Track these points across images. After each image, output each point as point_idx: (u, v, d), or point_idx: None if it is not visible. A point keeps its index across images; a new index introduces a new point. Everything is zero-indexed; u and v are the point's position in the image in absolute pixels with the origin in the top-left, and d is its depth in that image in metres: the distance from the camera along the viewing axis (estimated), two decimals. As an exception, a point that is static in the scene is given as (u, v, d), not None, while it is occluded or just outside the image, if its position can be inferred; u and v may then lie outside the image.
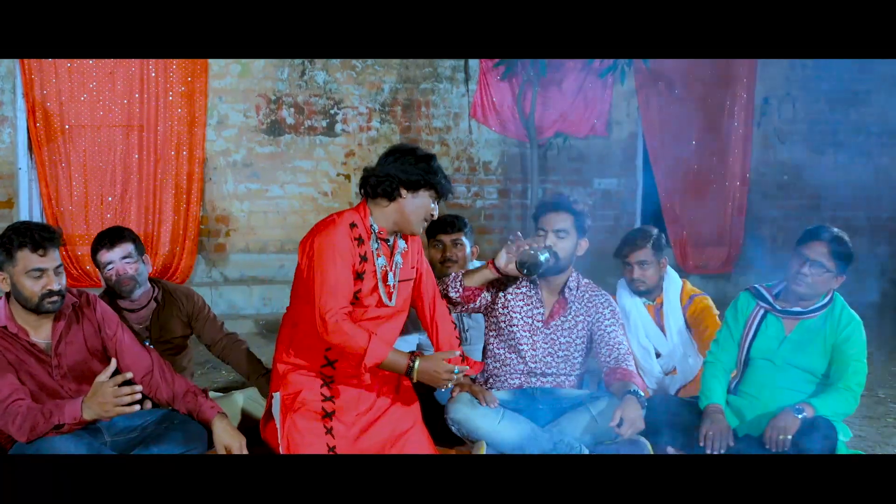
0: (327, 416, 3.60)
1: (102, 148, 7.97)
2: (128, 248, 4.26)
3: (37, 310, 3.51)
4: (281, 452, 3.60)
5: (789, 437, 3.57)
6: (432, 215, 3.62)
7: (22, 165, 8.00)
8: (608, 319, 4.04)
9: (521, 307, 4.06)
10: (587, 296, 4.09)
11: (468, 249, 4.72)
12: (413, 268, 3.81)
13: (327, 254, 3.49)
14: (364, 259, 3.58)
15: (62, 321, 3.63)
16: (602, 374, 4.01)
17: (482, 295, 4.04)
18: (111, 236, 4.27)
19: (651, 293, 4.59)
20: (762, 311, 4.02)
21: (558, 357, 4.03)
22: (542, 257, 3.81)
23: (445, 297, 3.99)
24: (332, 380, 3.66)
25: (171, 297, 4.47)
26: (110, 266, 4.24)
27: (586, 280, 4.16)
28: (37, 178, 7.89)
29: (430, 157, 3.60)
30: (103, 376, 3.28)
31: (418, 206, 3.58)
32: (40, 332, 3.59)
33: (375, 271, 3.60)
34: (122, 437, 3.61)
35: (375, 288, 3.63)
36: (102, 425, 3.60)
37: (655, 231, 4.56)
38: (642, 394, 3.74)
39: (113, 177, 8.00)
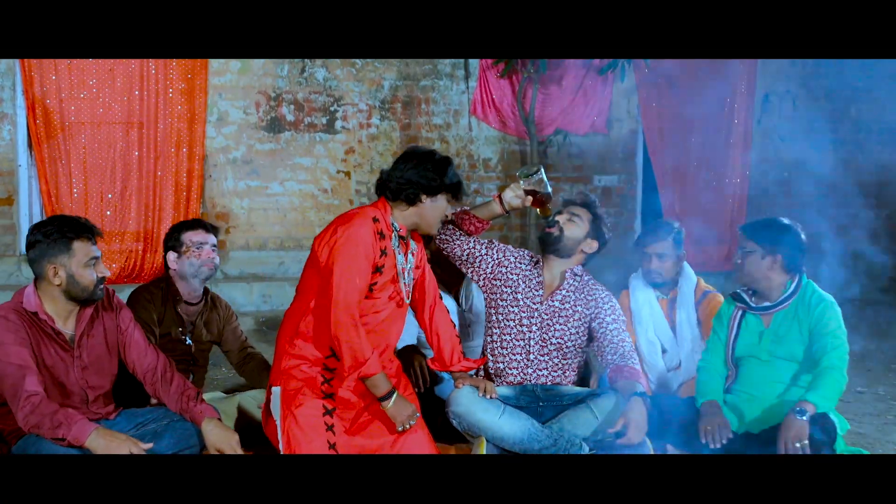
0: (328, 413, 3.60)
1: (102, 145, 7.96)
2: (215, 239, 4.44)
3: (91, 297, 3.59)
4: (281, 449, 3.60)
5: (805, 441, 3.57)
6: (447, 216, 3.76)
7: (22, 162, 7.99)
8: (609, 316, 4.05)
9: (522, 287, 4.09)
10: (587, 289, 4.12)
11: None
12: (418, 268, 3.85)
13: (351, 244, 3.54)
14: (384, 253, 3.63)
15: (88, 312, 3.68)
16: (606, 372, 4.02)
17: (478, 248, 4.08)
18: (205, 224, 4.45)
19: (666, 286, 4.64)
20: (740, 312, 4.11)
21: (551, 345, 4.03)
22: (541, 168, 3.96)
23: (444, 221, 4.03)
24: (333, 375, 3.67)
25: (216, 303, 4.61)
26: (202, 245, 4.36)
27: (590, 277, 4.17)
28: (37, 175, 7.88)
29: (448, 162, 3.69)
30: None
31: (437, 209, 3.70)
32: (67, 324, 3.64)
33: (395, 266, 3.68)
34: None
35: (391, 283, 3.69)
36: (103, 423, 3.60)
37: (678, 226, 4.66)
38: (647, 396, 3.76)
39: (113, 174, 7.99)
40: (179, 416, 3.73)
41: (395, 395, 3.60)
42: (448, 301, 4.67)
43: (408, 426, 3.63)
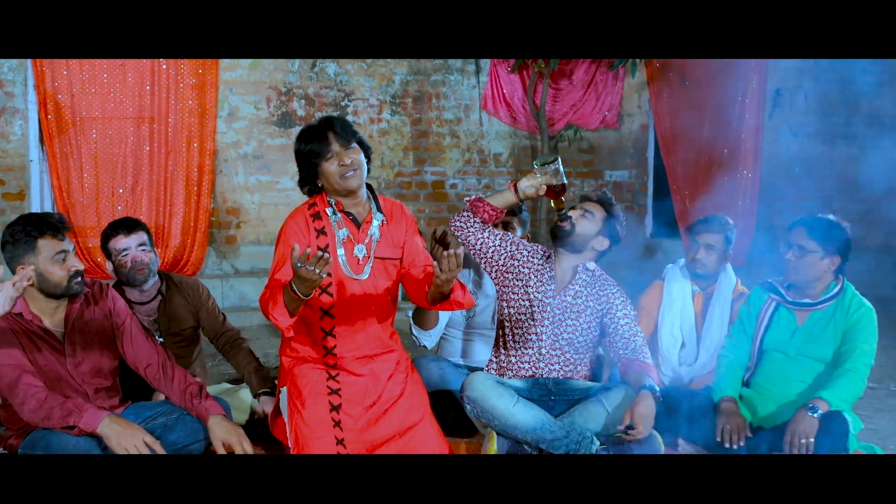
0: (334, 409, 3.60)
1: (113, 140, 8.00)
2: (143, 236, 4.31)
3: (66, 293, 3.56)
4: (289, 447, 3.61)
5: (812, 439, 3.55)
6: (343, 164, 3.59)
7: (33, 157, 8.03)
8: (620, 311, 4.02)
9: (534, 282, 4.06)
10: (599, 284, 4.08)
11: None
12: (398, 248, 3.76)
13: (279, 234, 3.66)
14: (322, 232, 3.62)
15: (75, 308, 3.66)
16: (617, 366, 4.00)
17: (492, 238, 4.05)
18: (127, 225, 4.32)
19: (706, 280, 4.60)
20: (774, 304, 4.04)
21: (563, 340, 4.02)
22: (559, 158, 3.87)
23: (459, 212, 4.04)
24: (336, 370, 3.68)
25: (178, 288, 4.49)
26: (126, 252, 4.26)
27: (602, 272, 4.16)
28: (48, 170, 7.93)
29: (300, 135, 3.67)
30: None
31: (328, 169, 3.61)
32: (55, 321, 3.63)
33: (343, 241, 3.64)
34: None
35: (353, 261, 3.64)
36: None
37: (732, 224, 4.59)
38: (658, 389, 3.74)
39: (124, 169, 8.03)
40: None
41: (294, 285, 3.29)
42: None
43: (316, 270, 3.21)
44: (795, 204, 9.51)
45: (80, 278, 3.59)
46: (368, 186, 3.78)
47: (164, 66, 7.98)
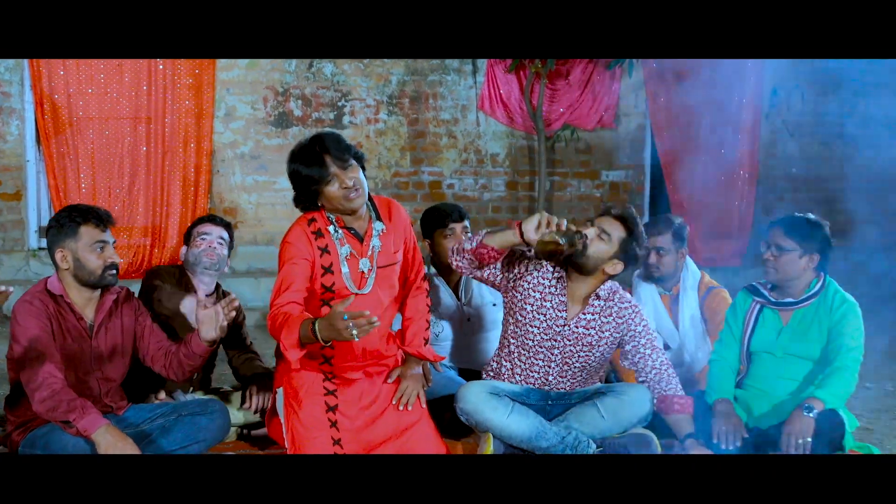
0: (331, 409, 3.60)
1: (110, 140, 7.98)
2: (225, 233, 4.47)
3: (99, 282, 3.67)
4: (286, 447, 3.61)
5: (809, 439, 3.56)
6: (346, 186, 3.51)
7: (30, 157, 8.02)
8: (643, 338, 3.89)
9: (545, 307, 3.87)
10: (615, 308, 3.89)
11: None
12: (396, 252, 3.76)
13: (282, 253, 3.60)
14: (325, 251, 3.60)
15: (107, 303, 3.75)
16: (654, 399, 3.86)
17: (494, 269, 3.85)
18: (216, 219, 4.55)
19: (667, 282, 4.59)
20: (758, 306, 4.06)
21: (575, 367, 3.94)
22: (562, 240, 3.42)
23: (458, 250, 3.77)
24: (333, 374, 3.68)
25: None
26: (206, 236, 4.40)
27: (618, 290, 3.95)
28: (45, 171, 7.91)
29: (294, 157, 3.57)
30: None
31: (331, 192, 3.55)
32: (86, 312, 3.72)
33: (346, 258, 3.62)
34: (131, 430, 3.64)
35: (357, 276, 3.64)
36: (112, 418, 3.64)
37: (679, 220, 4.56)
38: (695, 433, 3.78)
39: (121, 169, 8.01)
40: (188, 412, 3.76)
41: (316, 325, 3.18)
42: (445, 294, 4.64)
43: (354, 331, 3.09)
44: (792, 204, 9.52)
45: (114, 271, 3.69)
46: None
47: (161, 67, 7.97)
